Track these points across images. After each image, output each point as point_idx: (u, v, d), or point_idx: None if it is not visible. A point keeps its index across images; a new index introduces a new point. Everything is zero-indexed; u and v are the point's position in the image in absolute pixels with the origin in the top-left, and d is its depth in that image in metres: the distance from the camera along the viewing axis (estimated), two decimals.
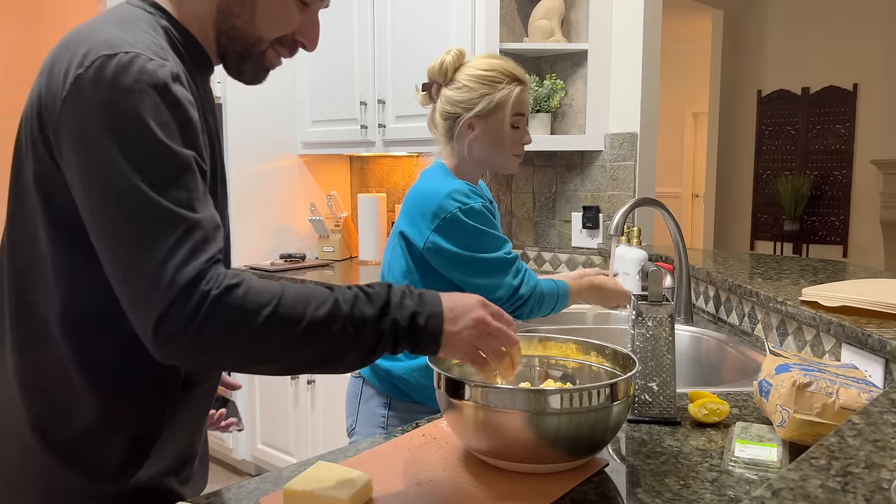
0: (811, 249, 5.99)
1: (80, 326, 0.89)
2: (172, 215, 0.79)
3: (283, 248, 3.29)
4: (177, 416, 0.97)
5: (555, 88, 2.63)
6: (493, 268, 1.48)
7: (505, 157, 1.55)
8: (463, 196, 1.47)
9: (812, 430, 0.97)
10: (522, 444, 0.89)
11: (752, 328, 1.68)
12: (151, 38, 0.87)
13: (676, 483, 0.92)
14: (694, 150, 7.89)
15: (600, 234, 2.71)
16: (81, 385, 0.89)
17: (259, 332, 0.80)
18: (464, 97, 1.51)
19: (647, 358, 1.15)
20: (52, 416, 0.90)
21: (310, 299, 0.83)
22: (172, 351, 0.79)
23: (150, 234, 0.78)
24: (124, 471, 0.92)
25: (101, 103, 0.79)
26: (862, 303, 1.27)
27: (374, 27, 2.87)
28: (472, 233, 1.46)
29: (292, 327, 0.81)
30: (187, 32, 0.95)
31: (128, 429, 0.92)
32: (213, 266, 0.80)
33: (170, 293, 0.77)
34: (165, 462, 0.96)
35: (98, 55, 0.81)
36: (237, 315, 0.79)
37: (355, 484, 0.85)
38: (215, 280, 0.79)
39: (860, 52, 5.59)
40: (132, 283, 0.79)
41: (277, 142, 3.23)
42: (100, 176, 0.80)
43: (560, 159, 2.82)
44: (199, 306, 0.77)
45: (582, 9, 2.67)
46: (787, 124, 6.01)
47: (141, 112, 0.80)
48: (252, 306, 0.79)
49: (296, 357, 0.83)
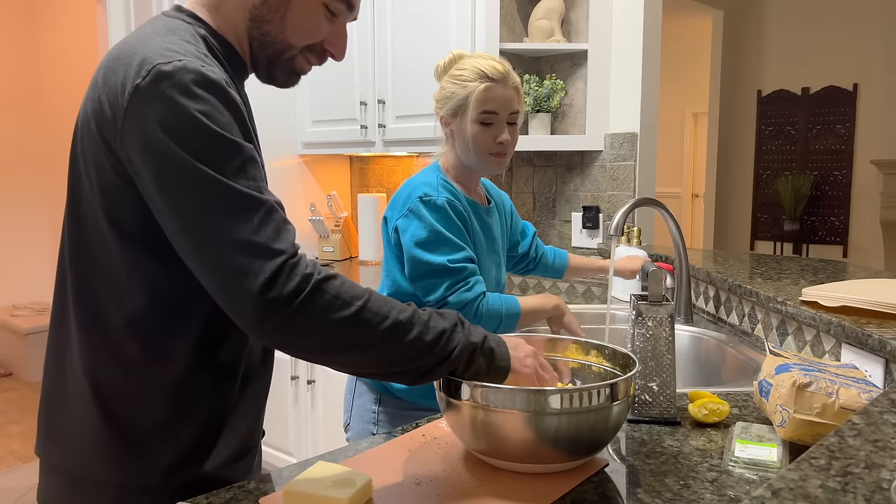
0: (811, 249, 5.99)
1: (149, 328, 0.93)
2: (251, 198, 0.84)
3: None
4: (237, 409, 1.02)
5: (555, 88, 2.63)
6: (431, 272, 1.44)
7: (479, 157, 1.51)
8: (430, 188, 1.47)
9: (812, 430, 0.97)
10: (522, 444, 0.89)
11: (752, 328, 1.68)
12: (195, 46, 0.92)
13: (676, 483, 0.92)
14: (694, 150, 7.89)
15: (600, 234, 2.71)
16: (150, 382, 0.93)
17: (350, 321, 0.85)
18: (439, 96, 1.54)
19: (647, 358, 1.15)
20: (125, 413, 0.94)
21: (393, 304, 0.89)
22: (270, 326, 0.82)
23: (236, 214, 0.83)
24: (191, 462, 0.96)
25: (163, 109, 0.83)
26: (862, 303, 1.27)
27: (374, 27, 2.87)
28: (426, 228, 1.45)
29: (379, 322, 0.86)
30: (224, 40, 0.99)
31: (195, 422, 0.96)
32: (301, 253, 0.86)
33: (274, 262, 0.82)
34: (227, 452, 1.01)
35: (153, 64, 0.85)
36: (334, 302, 0.84)
37: (355, 484, 0.85)
38: (314, 266, 0.85)
39: (860, 52, 5.59)
40: (227, 264, 0.82)
41: (277, 142, 3.23)
42: (177, 177, 0.83)
43: (560, 159, 2.82)
44: (302, 286, 0.82)
45: (582, 9, 2.67)
46: (787, 124, 6.01)
47: (202, 113, 0.84)
48: (347, 297, 0.85)
49: (376, 352, 0.88)
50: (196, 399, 0.96)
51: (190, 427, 0.96)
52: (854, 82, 5.64)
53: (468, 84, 1.48)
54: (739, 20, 6.17)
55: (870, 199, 5.60)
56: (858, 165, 5.66)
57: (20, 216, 5.25)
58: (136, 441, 0.94)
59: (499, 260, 1.64)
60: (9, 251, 5.21)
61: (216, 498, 0.90)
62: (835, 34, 5.70)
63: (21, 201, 5.24)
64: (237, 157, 0.85)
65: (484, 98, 1.47)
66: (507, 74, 1.49)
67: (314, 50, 1.03)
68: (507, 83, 1.49)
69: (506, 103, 1.49)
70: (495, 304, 1.46)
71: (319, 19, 1.00)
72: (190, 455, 0.97)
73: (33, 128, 5.28)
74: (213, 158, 0.83)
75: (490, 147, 1.50)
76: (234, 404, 1.01)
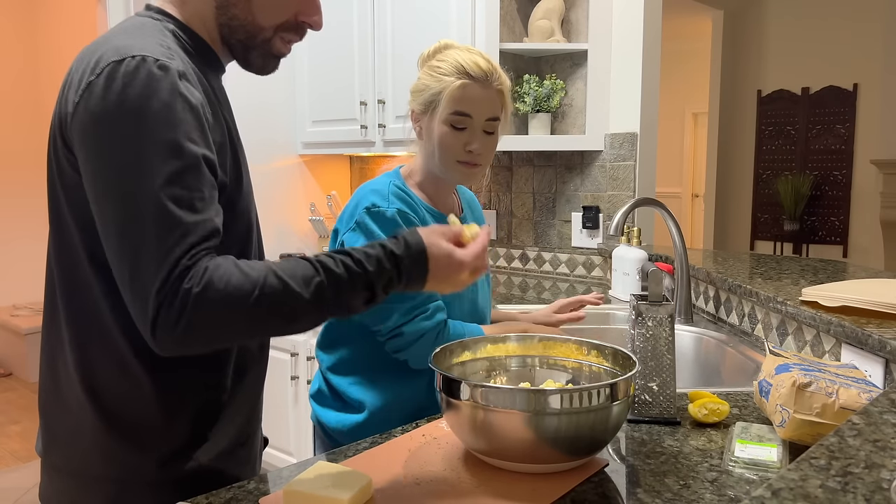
0: (811, 249, 5.99)
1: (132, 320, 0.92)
2: (171, 218, 0.81)
3: (283, 248, 3.29)
4: (232, 401, 1.01)
5: (555, 88, 2.63)
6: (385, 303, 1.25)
7: (444, 163, 1.33)
8: (379, 197, 1.30)
9: (812, 430, 0.97)
10: (522, 444, 0.89)
11: (752, 328, 1.68)
12: (159, 40, 0.90)
13: (676, 483, 0.92)
14: (694, 150, 7.89)
15: (600, 234, 2.71)
16: (141, 376, 0.93)
17: (246, 317, 0.82)
18: (414, 87, 1.37)
19: (647, 358, 1.15)
20: (118, 409, 0.94)
21: (293, 279, 0.84)
22: (171, 350, 0.82)
23: (148, 237, 0.81)
24: (187, 455, 0.96)
25: (109, 107, 0.82)
26: (862, 303, 1.27)
27: (374, 27, 2.87)
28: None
29: (277, 310, 0.83)
30: (193, 33, 0.98)
31: (188, 414, 0.96)
32: (198, 261, 0.82)
33: (157, 299, 0.80)
34: (225, 443, 1.01)
35: (108, 62, 0.84)
36: (219, 309, 0.81)
37: (355, 484, 0.85)
38: (197, 276, 0.80)
39: (860, 52, 5.59)
40: (131, 287, 0.82)
41: (277, 142, 3.23)
42: (109, 178, 0.83)
43: (560, 159, 2.82)
44: (184, 306, 0.79)
45: (582, 9, 2.67)
46: (787, 124, 6.01)
47: (148, 113, 0.82)
48: (235, 297, 0.81)
49: (285, 330, 0.86)
50: (188, 392, 0.96)
51: (183, 420, 0.96)
52: (854, 82, 5.64)
53: (443, 78, 1.30)
54: (739, 20, 6.17)
55: (870, 199, 5.60)
56: (858, 165, 5.66)
57: (20, 216, 5.25)
58: (132, 436, 0.94)
59: None
60: (9, 251, 5.21)
61: (216, 498, 0.90)
62: (835, 34, 5.70)
63: (20, 201, 5.24)
64: (174, 165, 0.82)
65: (458, 97, 1.29)
66: (490, 74, 1.30)
67: (289, 27, 1.00)
68: (489, 84, 1.31)
69: (483, 106, 1.30)
70: (458, 333, 1.31)
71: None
72: (185, 447, 0.97)
73: (33, 128, 5.28)
74: (148, 164, 0.81)
75: (457, 154, 1.31)
76: (228, 396, 1.01)
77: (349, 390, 1.36)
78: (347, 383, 1.36)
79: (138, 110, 0.82)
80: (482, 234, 0.97)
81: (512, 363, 1.15)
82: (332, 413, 1.37)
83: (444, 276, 0.93)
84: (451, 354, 1.09)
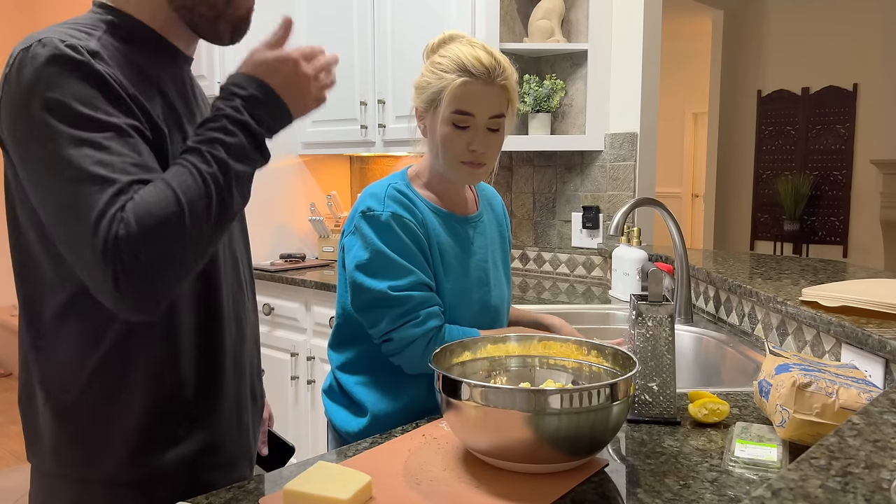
0: (811, 249, 5.99)
1: (77, 318, 0.93)
2: (99, 180, 0.82)
3: (283, 248, 3.29)
4: (188, 400, 1.00)
5: (555, 88, 2.63)
6: (371, 301, 1.25)
7: (448, 163, 1.29)
8: (375, 200, 1.28)
9: (812, 430, 0.97)
10: (522, 444, 0.89)
11: (752, 328, 1.68)
12: (79, 27, 0.91)
13: (676, 483, 0.92)
14: (694, 150, 7.89)
15: (600, 234, 2.71)
16: (85, 373, 0.93)
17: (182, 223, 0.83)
18: (417, 83, 1.32)
19: (647, 358, 1.15)
20: (70, 407, 0.94)
21: (190, 164, 0.86)
22: (142, 303, 0.83)
23: (80, 202, 0.81)
24: (144, 455, 0.95)
25: (23, 93, 0.84)
26: (862, 303, 1.27)
27: (374, 27, 2.87)
28: (367, 248, 1.25)
29: (200, 198, 0.85)
30: (137, 22, 0.97)
31: (137, 412, 0.95)
32: (125, 204, 0.82)
33: (104, 261, 0.80)
34: (189, 448, 0.99)
35: (17, 51, 0.86)
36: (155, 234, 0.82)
37: (355, 484, 0.85)
38: (124, 219, 0.81)
39: (860, 52, 5.59)
40: (83, 263, 0.83)
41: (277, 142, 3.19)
42: (34, 161, 0.84)
43: (560, 159, 2.82)
44: (123, 251, 0.80)
45: (582, 9, 2.67)
46: (787, 124, 6.01)
47: (59, 92, 0.84)
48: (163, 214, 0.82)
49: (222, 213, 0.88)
50: (134, 389, 0.95)
51: (135, 417, 0.95)
52: (854, 82, 5.64)
53: (445, 75, 1.25)
54: (739, 20, 6.17)
55: (870, 199, 5.60)
56: (858, 165, 5.66)
57: None
58: (87, 436, 0.94)
59: (486, 279, 1.38)
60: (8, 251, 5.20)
61: (216, 498, 0.90)
62: (835, 34, 5.70)
63: None
64: (94, 134, 0.84)
65: (459, 95, 1.24)
66: (492, 70, 1.24)
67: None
68: (493, 81, 1.25)
69: (485, 105, 1.25)
70: (449, 339, 1.26)
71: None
72: (142, 450, 0.95)
73: None
74: (68, 138, 0.83)
75: (461, 154, 1.27)
76: (178, 393, 0.99)
77: (355, 389, 1.36)
78: (354, 382, 1.37)
79: (45, 90, 0.83)
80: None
81: (512, 363, 1.15)
82: (340, 411, 1.38)
83: (283, 80, 0.94)
84: (451, 354, 1.09)
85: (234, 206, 0.90)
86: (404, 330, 1.24)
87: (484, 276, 1.38)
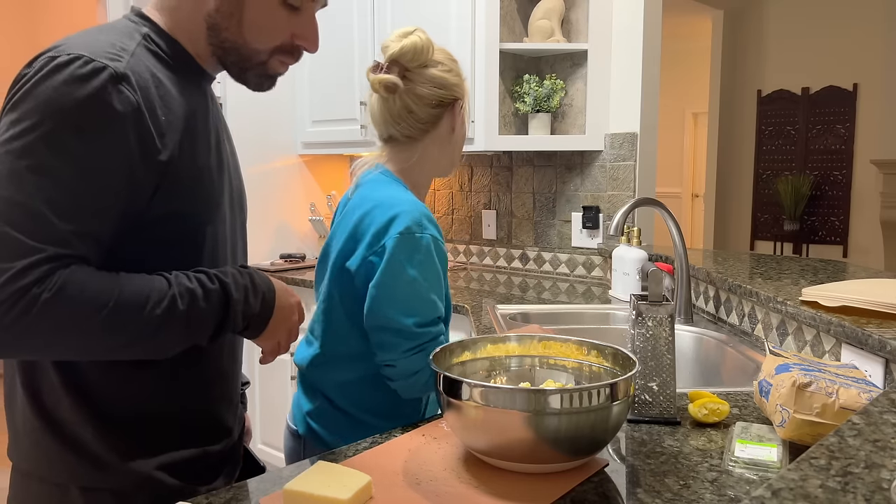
0: (811, 249, 5.99)
1: None
2: (40, 219, 0.80)
3: (283, 248, 3.29)
4: (167, 402, 0.98)
5: (555, 88, 2.64)
6: (391, 329, 1.18)
7: (457, 160, 1.37)
8: (412, 220, 1.19)
9: (812, 430, 0.97)
10: (522, 444, 0.89)
11: (752, 328, 1.68)
12: (114, 40, 0.89)
13: (676, 483, 0.92)
14: (694, 150, 7.89)
15: (600, 234, 2.71)
16: (66, 376, 0.92)
17: (90, 333, 0.82)
18: (454, 81, 1.28)
19: (647, 358, 1.15)
20: (52, 410, 0.92)
21: (146, 299, 0.85)
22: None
23: (10, 237, 0.79)
24: (124, 461, 0.94)
25: (29, 99, 0.82)
26: (862, 303, 1.27)
27: (374, 27, 2.87)
28: (400, 274, 1.17)
29: (130, 327, 0.84)
30: (173, 41, 0.96)
31: (118, 417, 0.94)
32: (56, 269, 0.80)
33: (2, 295, 0.77)
34: (170, 455, 0.98)
35: (44, 56, 0.84)
36: (64, 318, 0.80)
37: (355, 484, 0.85)
38: (50, 283, 0.79)
39: (860, 52, 5.59)
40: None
41: (277, 142, 3.23)
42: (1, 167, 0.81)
43: (560, 159, 2.82)
44: (29, 308, 0.78)
45: (582, 9, 2.67)
46: (787, 124, 6.01)
47: (60, 112, 0.81)
48: (85, 310, 0.81)
49: (118, 352, 0.87)
50: (113, 392, 0.93)
51: (115, 423, 0.93)
52: (854, 82, 5.64)
53: (461, 79, 1.32)
54: (739, 20, 6.17)
55: (870, 199, 5.60)
56: (858, 165, 5.66)
57: None
58: (65, 438, 0.92)
59: None
60: None
61: (216, 498, 0.90)
62: (835, 34, 5.70)
63: None
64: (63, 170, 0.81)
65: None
66: None
67: (285, 49, 0.99)
68: None
69: None
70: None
71: (278, 17, 0.96)
72: (123, 455, 0.94)
73: None
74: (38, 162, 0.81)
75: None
76: (159, 396, 0.97)
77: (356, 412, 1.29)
78: (354, 404, 1.29)
79: (46, 106, 0.81)
80: None
81: (512, 363, 1.15)
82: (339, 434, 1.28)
83: (281, 313, 1.01)
84: (451, 354, 1.09)
85: (143, 348, 0.88)
86: (411, 360, 1.19)
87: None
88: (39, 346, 0.81)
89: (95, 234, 0.85)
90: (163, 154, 0.89)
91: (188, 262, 0.95)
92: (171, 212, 0.92)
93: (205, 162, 0.97)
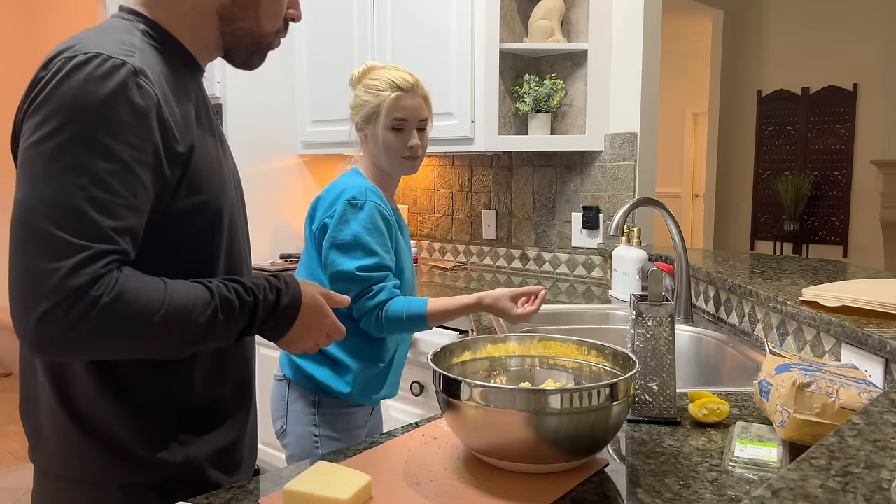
0: (811, 249, 5.99)
1: None
2: (87, 220, 0.81)
3: (283, 247, 3.29)
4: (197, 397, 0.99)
5: (555, 88, 2.63)
6: (341, 277, 1.52)
7: (391, 159, 1.62)
8: (358, 191, 1.56)
9: (812, 430, 0.97)
10: (522, 444, 0.89)
11: (752, 328, 1.68)
12: (123, 38, 0.91)
13: (676, 483, 0.92)
14: (694, 150, 7.89)
15: (600, 234, 2.71)
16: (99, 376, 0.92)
17: (146, 333, 0.84)
18: (354, 103, 1.66)
19: (647, 358, 1.15)
20: (84, 410, 0.93)
21: (193, 307, 0.87)
22: (48, 348, 0.81)
23: (56, 237, 0.80)
24: (160, 456, 0.94)
25: (53, 100, 0.82)
26: (862, 303, 1.27)
27: (374, 27, 2.86)
28: (347, 232, 1.52)
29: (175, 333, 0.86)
30: (166, 33, 0.98)
31: (159, 413, 0.95)
32: (111, 271, 0.81)
33: (56, 295, 0.78)
34: (202, 448, 0.99)
35: (60, 57, 0.85)
36: (123, 322, 0.82)
37: (355, 484, 0.85)
38: (108, 286, 0.80)
39: (860, 52, 5.59)
40: (25, 279, 0.80)
41: (277, 142, 3.23)
42: (35, 169, 0.82)
43: (560, 159, 2.82)
44: (88, 310, 0.79)
45: (582, 9, 2.67)
46: (787, 124, 6.01)
47: (85, 110, 0.82)
48: (142, 313, 0.83)
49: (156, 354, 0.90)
50: (146, 390, 0.94)
51: (155, 423, 0.95)
52: (854, 82, 5.64)
53: (380, 93, 1.60)
54: (739, 20, 6.17)
55: (870, 199, 5.60)
56: (858, 165, 5.66)
57: None
58: (102, 438, 0.93)
59: (409, 257, 1.74)
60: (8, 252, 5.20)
61: (216, 498, 0.90)
62: (835, 34, 5.70)
63: None
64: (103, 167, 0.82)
65: (394, 106, 1.59)
66: (416, 85, 1.62)
67: (284, 26, 1.07)
68: (416, 93, 1.62)
69: (415, 111, 1.62)
70: (397, 310, 1.52)
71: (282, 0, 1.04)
72: (158, 450, 0.95)
73: None
74: (77, 162, 0.81)
75: (402, 150, 1.62)
76: (191, 391, 0.99)
77: (334, 351, 1.59)
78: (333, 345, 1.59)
79: (73, 105, 0.82)
80: None
81: (512, 363, 1.15)
82: (323, 371, 1.59)
83: (308, 323, 1.02)
84: (451, 354, 1.09)
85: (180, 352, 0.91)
86: (362, 302, 1.53)
87: (409, 255, 1.73)
88: (91, 346, 0.82)
89: (134, 229, 0.86)
90: (181, 146, 0.91)
91: (214, 250, 0.98)
92: (194, 204, 0.94)
93: (214, 152, 1.00)
